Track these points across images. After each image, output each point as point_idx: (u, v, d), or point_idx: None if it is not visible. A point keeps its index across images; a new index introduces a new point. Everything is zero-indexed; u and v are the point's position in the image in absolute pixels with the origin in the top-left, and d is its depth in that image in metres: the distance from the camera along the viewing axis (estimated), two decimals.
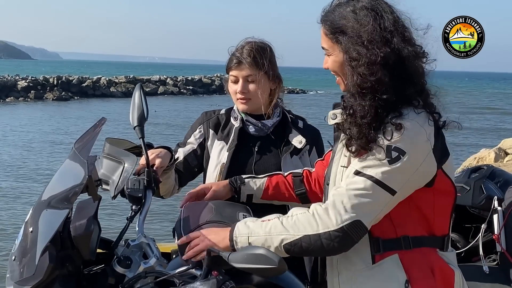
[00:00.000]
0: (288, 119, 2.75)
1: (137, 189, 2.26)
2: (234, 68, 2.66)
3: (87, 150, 2.08)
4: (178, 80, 53.38)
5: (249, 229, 1.91)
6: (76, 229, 2.02)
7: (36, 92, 40.87)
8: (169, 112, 32.87)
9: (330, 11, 1.94)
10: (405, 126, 1.79)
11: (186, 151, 2.79)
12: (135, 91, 2.37)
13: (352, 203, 1.79)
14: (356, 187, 1.80)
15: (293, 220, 1.86)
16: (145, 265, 2.11)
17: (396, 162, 1.78)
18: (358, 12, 1.86)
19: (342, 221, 1.78)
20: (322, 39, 1.97)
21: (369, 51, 1.81)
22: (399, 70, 1.82)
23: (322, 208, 1.83)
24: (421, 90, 1.88)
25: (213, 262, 1.97)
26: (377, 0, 1.90)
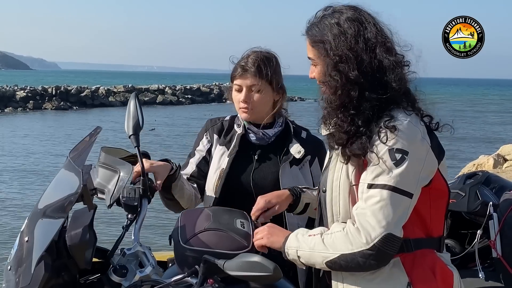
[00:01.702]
0: (290, 129, 2.75)
1: (132, 197, 2.26)
2: (239, 77, 2.65)
3: (82, 159, 2.08)
4: (177, 89, 53.46)
5: (298, 242, 1.94)
6: (72, 238, 2.02)
7: (34, 102, 40.91)
8: (168, 121, 32.87)
9: (314, 24, 1.98)
10: (399, 128, 1.82)
11: (197, 159, 2.79)
12: (130, 100, 2.39)
13: (377, 218, 1.79)
14: (375, 201, 1.80)
15: (331, 238, 1.87)
16: (141, 274, 2.11)
17: (402, 163, 1.80)
18: (342, 24, 1.91)
19: (372, 239, 1.79)
20: (308, 49, 2.01)
21: (339, 73, 1.88)
22: (380, 79, 1.87)
23: (354, 227, 1.83)
24: (407, 94, 1.92)
25: (209, 270, 1.98)
26: (361, 11, 1.95)
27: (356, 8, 1.97)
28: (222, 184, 2.65)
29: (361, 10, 1.96)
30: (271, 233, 2.08)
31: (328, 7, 1.99)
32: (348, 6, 1.97)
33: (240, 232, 2.16)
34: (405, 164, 1.80)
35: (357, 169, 1.90)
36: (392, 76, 1.89)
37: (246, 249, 2.10)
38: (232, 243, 2.11)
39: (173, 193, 2.57)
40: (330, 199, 1.97)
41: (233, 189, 2.66)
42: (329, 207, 1.98)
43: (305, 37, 2.01)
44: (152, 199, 2.42)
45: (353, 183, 1.91)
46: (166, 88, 52.59)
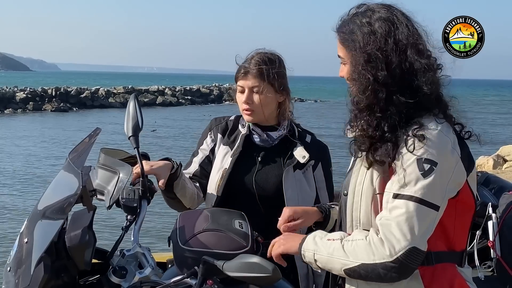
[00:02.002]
0: (295, 132, 2.72)
1: (132, 199, 2.26)
2: (241, 78, 2.65)
3: (81, 160, 2.08)
4: (177, 90, 53.46)
5: (316, 245, 1.88)
6: (71, 240, 2.02)
7: (34, 103, 40.90)
8: (168, 122, 32.87)
9: (346, 21, 1.92)
10: (428, 137, 1.76)
11: (200, 158, 2.78)
12: (130, 101, 2.39)
13: (402, 231, 1.73)
14: (400, 212, 1.74)
15: (352, 246, 1.81)
16: (140, 275, 2.11)
17: (430, 174, 1.74)
18: (373, 23, 1.84)
19: (396, 252, 1.73)
20: (338, 47, 1.95)
21: (367, 72, 1.80)
22: (410, 82, 1.80)
23: (378, 238, 1.77)
24: (438, 101, 1.85)
25: (208, 271, 1.98)
26: (394, 11, 1.87)
27: (389, 7, 1.89)
28: (224, 184, 2.64)
29: (394, 9, 1.88)
30: (286, 239, 2.02)
31: (361, 4, 1.92)
32: (382, 5, 1.90)
33: (238, 232, 2.16)
34: (433, 175, 1.74)
35: (381, 176, 1.85)
36: (423, 79, 1.81)
37: (245, 249, 2.10)
38: (231, 243, 2.12)
39: (175, 191, 2.55)
40: (351, 204, 1.92)
41: (235, 189, 2.65)
42: (349, 211, 1.93)
43: (335, 35, 1.95)
44: (152, 200, 2.43)
45: (377, 191, 1.85)
46: (166, 89, 52.60)
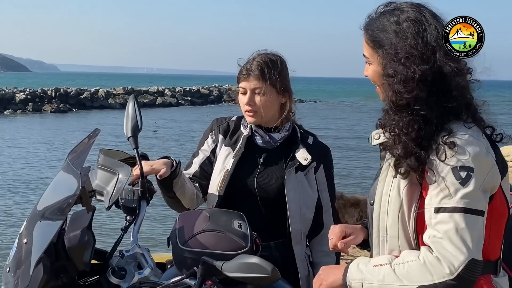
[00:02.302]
0: (297, 134, 2.71)
1: (131, 199, 2.27)
2: (243, 79, 2.63)
3: (80, 161, 2.09)
4: (176, 91, 53.42)
5: (363, 274, 1.79)
6: (70, 240, 2.02)
7: (34, 104, 40.88)
8: (168, 123, 32.89)
9: (373, 19, 1.86)
10: (459, 144, 1.70)
11: (200, 159, 2.77)
12: (129, 102, 2.39)
13: (456, 245, 1.66)
14: (449, 227, 1.67)
15: (405, 268, 1.72)
16: (140, 276, 2.11)
17: (468, 181, 1.68)
18: (401, 23, 1.78)
19: (456, 268, 1.66)
20: (363, 46, 1.89)
21: (406, 68, 1.74)
22: (440, 86, 1.74)
23: (433, 256, 1.69)
24: (468, 105, 1.78)
25: (207, 271, 1.98)
26: (423, 11, 1.80)
27: (418, 6, 1.82)
28: (226, 185, 2.63)
29: (423, 10, 1.81)
30: (326, 275, 1.90)
31: (390, 2, 1.86)
32: (411, 4, 1.82)
33: (237, 232, 2.17)
34: (472, 182, 1.68)
35: (409, 186, 1.79)
36: (452, 84, 1.74)
37: (244, 249, 2.11)
38: (230, 244, 2.12)
39: (174, 190, 2.54)
40: (378, 214, 1.87)
41: (237, 191, 2.64)
42: (375, 222, 1.88)
43: (362, 33, 1.89)
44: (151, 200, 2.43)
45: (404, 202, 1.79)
46: (166, 90, 52.56)
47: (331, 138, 24.04)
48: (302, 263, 2.63)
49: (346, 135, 27.82)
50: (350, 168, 18.07)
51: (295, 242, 2.60)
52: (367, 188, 12.64)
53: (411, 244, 1.81)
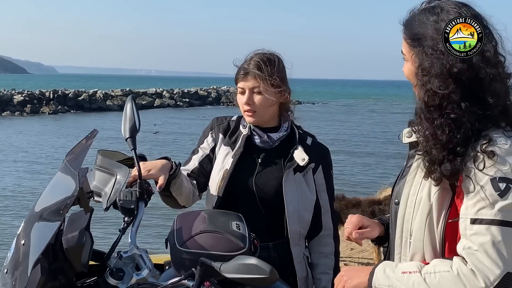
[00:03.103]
0: (295, 134, 2.69)
1: (129, 200, 2.26)
2: (241, 79, 2.62)
3: (78, 162, 2.08)
4: (175, 92, 53.45)
5: (390, 280, 1.75)
6: (68, 241, 2.02)
7: (32, 106, 40.89)
8: (167, 124, 32.87)
9: (414, 15, 1.82)
10: (499, 153, 1.65)
11: (200, 157, 2.77)
12: (127, 103, 2.39)
13: (492, 258, 1.63)
14: (485, 240, 1.64)
15: (437, 278, 1.68)
16: (138, 277, 2.11)
17: (507, 193, 1.64)
18: (439, 22, 1.74)
19: (491, 282, 1.62)
20: (402, 43, 1.85)
21: (443, 60, 1.70)
22: (475, 91, 1.69)
23: (467, 268, 1.65)
24: (506, 112, 1.73)
25: (205, 272, 1.98)
26: (464, 11, 1.75)
27: (460, 6, 1.76)
28: (225, 184, 2.62)
29: (464, 10, 1.76)
30: (350, 277, 1.87)
31: (429, 0, 1.82)
32: (454, 3, 1.77)
33: (236, 233, 2.16)
34: (511, 194, 1.64)
35: (441, 191, 1.76)
36: (489, 90, 1.70)
37: (242, 250, 2.10)
38: (228, 245, 2.12)
39: (171, 190, 2.54)
40: (403, 214, 1.84)
41: (236, 190, 2.63)
42: (400, 222, 1.85)
43: (401, 29, 1.85)
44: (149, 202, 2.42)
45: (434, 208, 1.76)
46: (164, 92, 52.58)
47: (329, 140, 24.02)
48: (300, 265, 2.63)
49: (344, 137, 27.84)
50: (346, 171, 18.09)
51: (293, 243, 2.59)
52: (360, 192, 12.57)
53: (436, 250, 1.79)
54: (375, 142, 26.04)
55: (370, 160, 20.55)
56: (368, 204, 6.77)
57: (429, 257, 1.79)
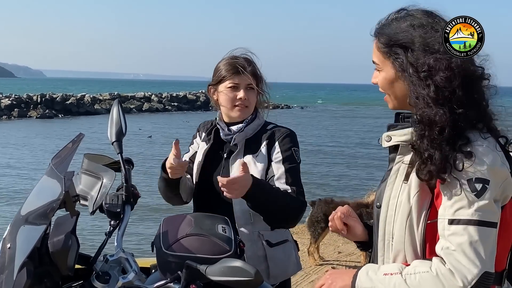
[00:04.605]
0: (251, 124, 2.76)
1: (115, 204, 2.28)
2: (236, 76, 2.70)
3: (64, 165, 2.09)
4: (163, 96, 53.30)
5: (372, 282, 1.78)
6: (54, 245, 2.02)
7: (19, 110, 40.63)
8: (157, 128, 32.79)
9: (386, 24, 1.85)
10: (476, 154, 1.68)
11: (190, 154, 2.91)
12: (113, 106, 2.40)
13: (470, 258, 1.65)
14: (463, 240, 1.66)
15: (417, 279, 1.71)
16: (124, 280, 2.11)
17: (484, 193, 1.67)
18: (416, 28, 1.77)
19: (469, 282, 1.65)
20: (373, 52, 1.88)
21: (444, 56, 1.71)
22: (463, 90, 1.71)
23: (446, 268, 1.68)
24: (484, 113, 1.77)
25: (191, 275, 1.99)
26: (436, 17, 1.80)
27: (430, 13, 1.82)
28: (197, 177, 2.78)
29: (436, 16, 1.81)
30: (334, 280, 1.89)
31: (401, 9, 1.86)
32: (423, 11, 1.82)
33: (222, 236, 2.17)
34: (487, 194, 1.67)
35: (420, 193, 1.78)
36: (474, 89, 1.73)
37: (228, 253, 2.11)
38: (214, 248, 2.12)
39: (180, 187, 2.71)
40: (384, 217, 1.86)
41: (206, 183, 2.77)
42: (382, 225, 1.87)
43: (373, 40, 1.88)
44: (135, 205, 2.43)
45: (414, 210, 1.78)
46: (152, 96, 52.44)
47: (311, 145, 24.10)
48: (252, 244, 2.66)
49: (327, 141, 27.90)
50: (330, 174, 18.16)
51: (240, 223, 2.66)
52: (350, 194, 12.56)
53: (417, 251, 1.81)
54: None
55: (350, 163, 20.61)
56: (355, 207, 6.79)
57: (410, 258, 1.81)
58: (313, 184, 15.22)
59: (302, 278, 6.87)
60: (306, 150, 20.82)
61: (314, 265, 7.43)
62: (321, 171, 18.49)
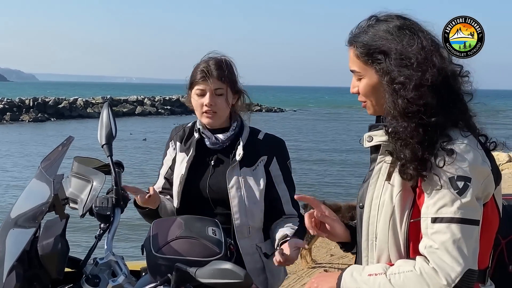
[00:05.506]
0: (242, 132, 2.74)
1: (105, 207, 2.27)
2: (202, 81, 2.64)
3: (54, 168, 2.09)
4: (156, 100, 53.20)
5: (357, 283, 1.79)
6: (44, 248, 2.02)
7: (12, 114, 40.48)
8: (148, 132, 32.72)
9: (362, 32, 1.85)
10: (457, 151, 1.70)
11: (164, 171, 2.83)
12: (103, 109, 2.40)
13: (453, 256, 1.67)
14: (446, 238, 1.68)
15: (401, 278, 1.71)
16: (114, 283, 2.11)
17: (465, 191, 1.68)
18: (392, 31, 1.79)
19: (453, 279, 1.66)
20: (351, 61, 1.88)
21: (417, 73, 1.73)
22: (445, 91, 1.74)
23: (429, 267, 1.69)
24: (464, 111, 1.80)
25: (181, 278, 1.99)
26: (407, 20, 1.83)
27: (403, 16, 1.85)
28: (182, 190, 2.68)
29: (408, 18, 1.84)
30: (320, 283, 1.91)
31: (372, 16, 1.88)
32: (395, 15, 1.85)
33: (212, 239, 2.17)
34: (469, 192, 1.68)
35: (402, 192, 1.80)
36: (455, 87, 1.76)
37: (218, 255, 2.11)
38: (204, 250, 2.13)
39: (160, 214, 2.65)
40: (368, 217, 1.87)
41: (192, 194, 2.69)
42: (365, 225, 1.88)
43: (349, 49, 1.89)
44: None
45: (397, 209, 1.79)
46: (145, 99, 52.35)
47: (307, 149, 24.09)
48: (250, 257, 2.67)
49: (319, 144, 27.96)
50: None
51: (240, 236, 2.64)
52: None
53: (401, 250, 1.82)
54: None
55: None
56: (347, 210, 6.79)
57: (394, 258, 1.82)
58: (304, 185, 15.23)
59: (294, 281, 6.87)
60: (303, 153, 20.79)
61: (306, 268, 7.43)
62: (315, 174, 18.52)
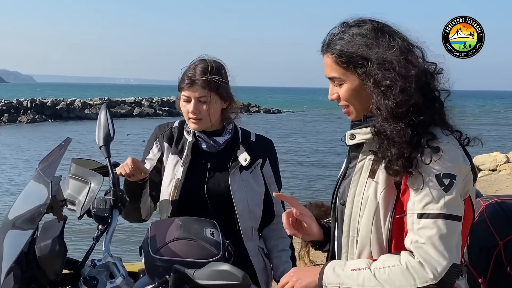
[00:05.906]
0: (239, 135, 2.73)
1: (103, 209, 2.27)
2: (187, 88, 2.61)
3: (51, 170, 2.09)
4: (154, 101, 53.21)
5: (340, 278, 1.79)
6: (42, 250, 2.02)
7: (9, 115, 40.43)
8: (144, 133, 32.69)
9: (337, 39, 1.85)
10: (443, 149, 1.73)
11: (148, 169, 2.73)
12: (101, 111, 2.40)
13: (439, 250, 1.70)
14: (432, 232, 1.71)
15: (386, 273, 1.73)
16: (111, 285, 2.12)
17: (451, 188, 1.72)
18: (368, 35, 1.81)
19: (439, 273, 1.69)
20: (329, 68, 1.88)
21: (401, 75, 1.75)
22: (427, 89, 1.78)
23: (416, 261, 1.71)
24: (441, 109, 1.83)
25: (179, 279, 1.99)
26: (380, 23, 1.85)
27: (375, 20, 1.86)
28: (178, 193, 2.63)
29: (380, 21, 1.86)
30: (300, 277, 1.89)
31: (344, 22, 1.88)
32: (368, 19, 1.86)
33: (210, 240, 2.18)
34: (454, 189, 1.72)
35: (386, 189, 1.81)
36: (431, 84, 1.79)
37: (216, 257, 2.12)
38: (202, 252, 2.13)
39: (142, 199, 2.59)
40: (349, 214, 1.87)
41: (189, 198, 2.64)
42: (346, 221, 1.89)
43: (324, 57, 1.89)
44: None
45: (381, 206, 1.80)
46: (143, 101, 52.36)
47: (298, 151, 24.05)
48: (257, 257, 2.68)
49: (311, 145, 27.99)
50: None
51: (246, 239, 2.64)
52: None
53: (383, 246, 1.83)
54: None
55: None
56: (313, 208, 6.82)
57: (376, 254, 1.83)
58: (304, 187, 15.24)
59: None
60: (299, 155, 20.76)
61: None
62: (315, 175, 18.54)
